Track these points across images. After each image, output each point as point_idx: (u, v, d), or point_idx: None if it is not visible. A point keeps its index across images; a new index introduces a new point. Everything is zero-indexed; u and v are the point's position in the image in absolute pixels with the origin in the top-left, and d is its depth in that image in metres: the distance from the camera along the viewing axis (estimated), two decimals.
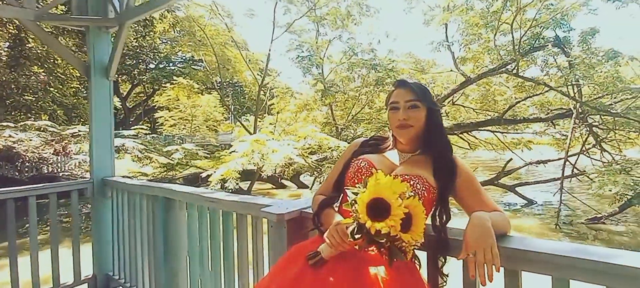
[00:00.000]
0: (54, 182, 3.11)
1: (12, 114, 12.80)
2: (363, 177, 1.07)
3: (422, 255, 1.09)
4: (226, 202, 1.78)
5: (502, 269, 0.92)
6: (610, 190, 5.22)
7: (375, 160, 1.17)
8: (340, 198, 1.19)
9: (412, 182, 1.04)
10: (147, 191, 2.42)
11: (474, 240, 0.91)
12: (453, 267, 1.01)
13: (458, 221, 1.11)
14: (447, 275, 1.07)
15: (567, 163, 6.83)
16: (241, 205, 1.67)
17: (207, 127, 20.87)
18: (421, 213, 0.88)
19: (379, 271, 0.95)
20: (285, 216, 1.38)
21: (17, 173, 9.80)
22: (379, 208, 0.83)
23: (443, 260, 1.07)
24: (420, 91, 1.14)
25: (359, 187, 0.88)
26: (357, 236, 0.87)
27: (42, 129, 10.40)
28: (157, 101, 21.60)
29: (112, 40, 3.05)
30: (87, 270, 2.98)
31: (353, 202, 0.87)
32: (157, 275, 2.38)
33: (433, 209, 1.09)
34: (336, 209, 1.17)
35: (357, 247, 0.95)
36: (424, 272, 1.09)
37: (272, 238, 1.49)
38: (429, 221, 1.06)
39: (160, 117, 19.84)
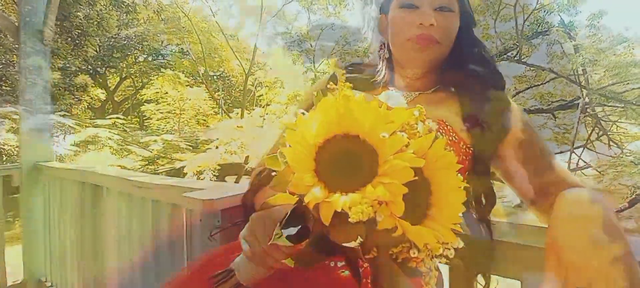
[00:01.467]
0: None
1: None
2: None
3: (443, 269, 0.58)
4: (153, 187, 1.27)
5: None
6: (623, 184, 4.78)
7: None
8: None
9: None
10: (76, 177, 1.91)
11: (584, 254, 0.40)
12: None
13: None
14: None
15: (572, 155, 6.41)
16: (163, 189, 1.16)
17: (196, 121, 20.17)
18: (453, 180, 0.36)
19: None
20: (215, 203, 0.87)
21: None
22: (346, 160, 0.31)
23: (485, 282, 0.54)
24: None
25: (302, 113, 0.37)
26: (285, 232, 0.33)
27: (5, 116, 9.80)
28: (144, 94, 20.81)
29: None
30: (17, 274, 2.49)
31: (282, 139, 0.34)
32: (86, 281, 1.89)
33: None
34: None
35: (289, 262, 0.37)
36: None
37: (204, 236, 0.99)
38: None
39: (147, 110, 19.12)
